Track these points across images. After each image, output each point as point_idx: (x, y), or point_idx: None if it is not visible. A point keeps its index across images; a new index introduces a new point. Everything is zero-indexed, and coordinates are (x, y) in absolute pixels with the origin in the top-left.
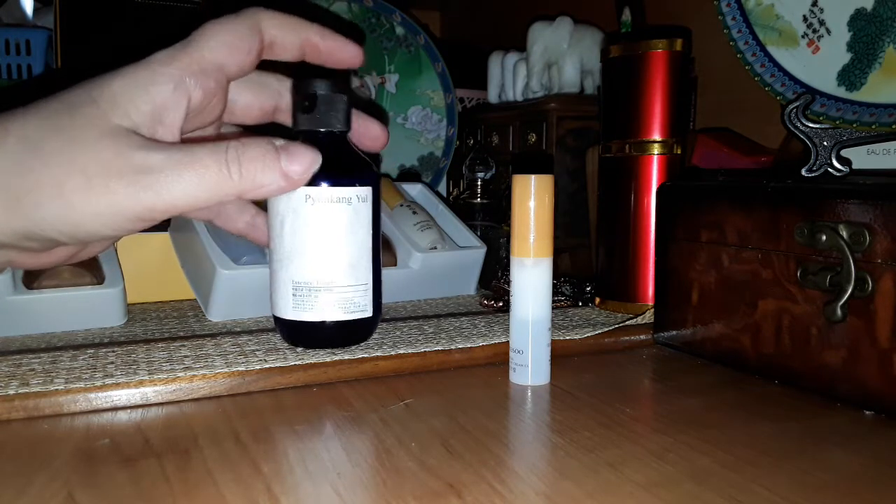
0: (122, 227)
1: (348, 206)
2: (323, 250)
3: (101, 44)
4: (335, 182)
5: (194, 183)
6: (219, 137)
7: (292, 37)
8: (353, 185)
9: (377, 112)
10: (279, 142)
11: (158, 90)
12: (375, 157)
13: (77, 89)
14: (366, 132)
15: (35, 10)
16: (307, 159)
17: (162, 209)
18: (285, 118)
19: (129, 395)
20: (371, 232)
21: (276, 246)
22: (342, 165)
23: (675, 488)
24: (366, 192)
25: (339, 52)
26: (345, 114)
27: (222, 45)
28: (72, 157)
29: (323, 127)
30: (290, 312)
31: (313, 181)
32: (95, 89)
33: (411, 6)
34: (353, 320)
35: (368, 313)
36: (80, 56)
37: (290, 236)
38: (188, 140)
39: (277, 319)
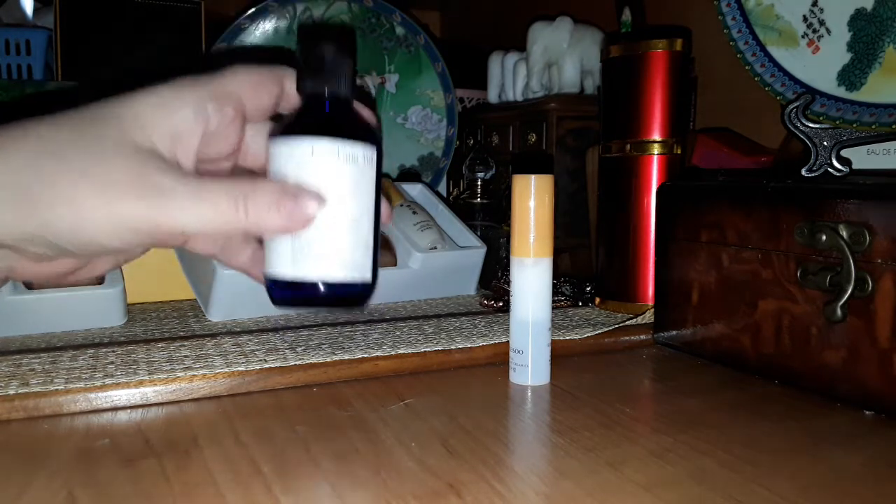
0: (125, 240)
1: (354, 165)
2: (327, 205)
3: (101, 44)
4: (341, 137)
5: (204, 212)
6: (232, 174)
7: None
8: (360, 142)
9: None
10: (289, 185)
11: (180, 113)
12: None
13: (101, 104)
14: None
15: (35, 10)
16: (312, 204)
17: (168, 229)
18: None
19: (129, 395)
20: (374, 198)
21: None
22: (348, 124)
23: (675, 488)
24: (371, 153)
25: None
26: (350, 78)
27: (246, 82)
28: (90, 167)
29: (329, 88)
30: (288, 268)
31: (316, 133)
32: (119, 106)
33: (411, 6)
34: (353, 283)
35: (368, 278)
36: (80, 56)
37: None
38: (205, 172)
39: (273, 281)
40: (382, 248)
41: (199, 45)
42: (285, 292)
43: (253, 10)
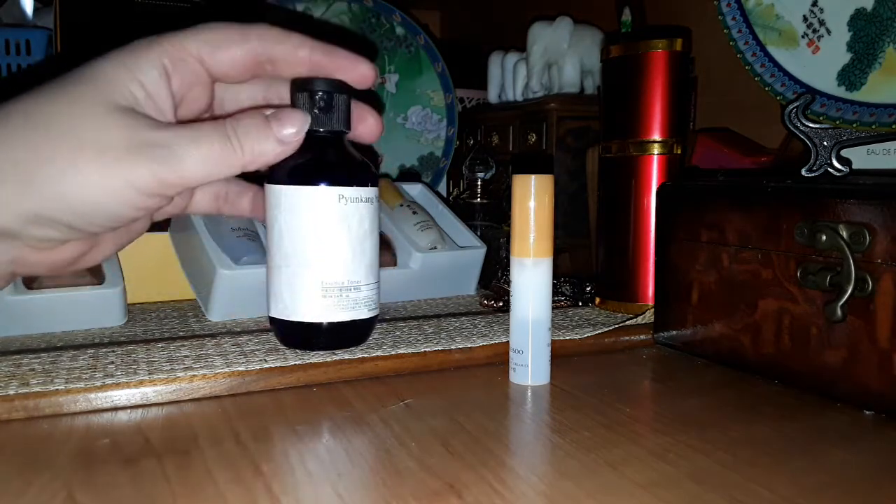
0: (134, 203)
1: (371, 206)
2: (353, 249)
3: (101, 44)
4: (359, 182)
5: (203, 157)
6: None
7: (296, 53)
8: (373, 185)
9: (374, 103)
10: (268, 111)
11: (145, 75)
12: (374, 158)
13: (70, 74)
14: (361, 122)
15: (35, 10)
16: (297, 120)
17: (174, 182)
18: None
19: (129, 395)
20: (378, 233)
21: (296, 248)
22: (358, 166)
23: (675, 488)
24: (376, 192)
25: (350, 71)
26: (347, 114)
27: (206, 41)
28: (81, 133)
29: (329, 127)
30: (318, 314)
31: (338, 182)
32: (88, 71)
33: (411, 6)
34: (372, 318)
35: (377, 311)
36: (80, 56)
37: (319, 237)
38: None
39: (294, 323)
40: (382, 248)
41: None
42: (308, 333)
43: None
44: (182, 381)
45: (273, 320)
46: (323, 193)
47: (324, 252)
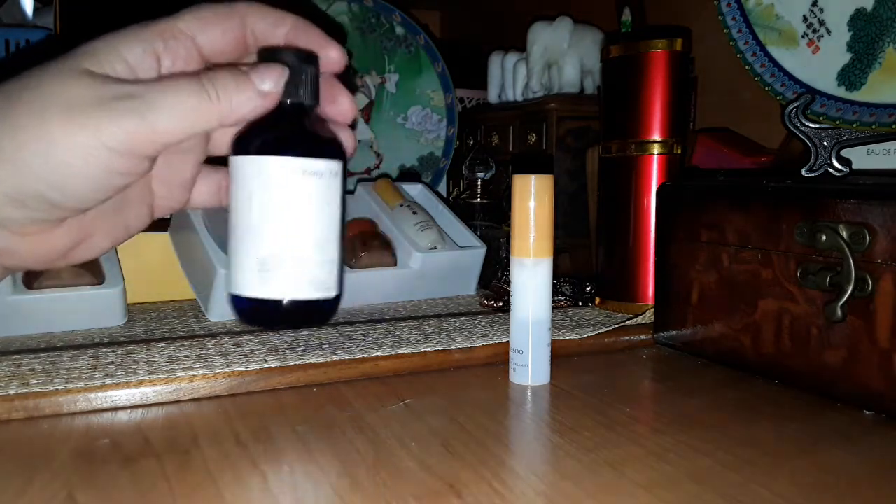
0: (108, 166)
1: (320, 180)
2: (293, 223)
3: None
4: (306, 153)
5: (177, 107)
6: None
7: (276, 30)
8: (325, 157)
9: (348, 84)
10: (244, 67)
11: (129, 50)
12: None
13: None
14: (332, 103)
15: (35, 10)
16: (275, 73)
17: (147, 136)
18: None
19: (129, 395)
20: (340, 209)
21: (240, 220)
22: (313, 138)
23: (675, 488)
24: (337, 166)
25: (321, 52)
26: (314, 87)
27: (196, 19)
28: (47, 96)
29: (292, 98)
30: (255, 289)
31: (284, 152)
32: (71, 50)
33: (411, 6)
34: (319, 300)
35: (333, 293)
36: None
37: (259, 208)
38: None
39: (237, 298)
40: (383, 248)
41: None
42: (251, 310)
43: None
44: (182, 381)
45: (229, 297)
46: (274, 164)
47: (262, 223)
